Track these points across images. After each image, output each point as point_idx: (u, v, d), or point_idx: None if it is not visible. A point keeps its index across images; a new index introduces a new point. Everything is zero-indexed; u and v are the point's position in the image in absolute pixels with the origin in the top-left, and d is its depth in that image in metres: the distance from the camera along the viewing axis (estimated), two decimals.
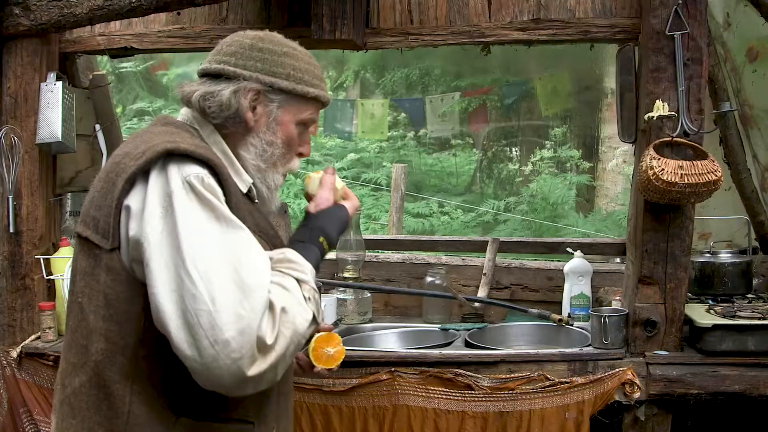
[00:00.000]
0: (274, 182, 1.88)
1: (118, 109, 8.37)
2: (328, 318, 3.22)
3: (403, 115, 8.70)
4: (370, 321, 3.48)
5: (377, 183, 9.17)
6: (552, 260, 3.89)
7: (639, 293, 2.86)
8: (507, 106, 7.50)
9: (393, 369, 2.80)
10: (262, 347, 1.48)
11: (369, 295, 3.48)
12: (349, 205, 1.96)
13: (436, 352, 2.91)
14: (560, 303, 3.35)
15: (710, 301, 3.12)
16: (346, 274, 3.45)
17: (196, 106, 1.79)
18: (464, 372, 2.78)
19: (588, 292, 3.26)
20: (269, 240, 1.81)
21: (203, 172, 1.60)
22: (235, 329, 1.44)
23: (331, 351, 1.94)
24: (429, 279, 3.51)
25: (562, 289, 3.34)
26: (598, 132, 9.07)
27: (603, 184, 9.09)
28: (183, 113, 1.86)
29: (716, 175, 2.64)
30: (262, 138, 1.83)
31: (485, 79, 8.17)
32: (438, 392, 2.79)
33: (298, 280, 1.63)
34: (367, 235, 3.78)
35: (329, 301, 3.25)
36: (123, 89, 9.12)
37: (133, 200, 1.58)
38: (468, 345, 3.04)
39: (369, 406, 2.81)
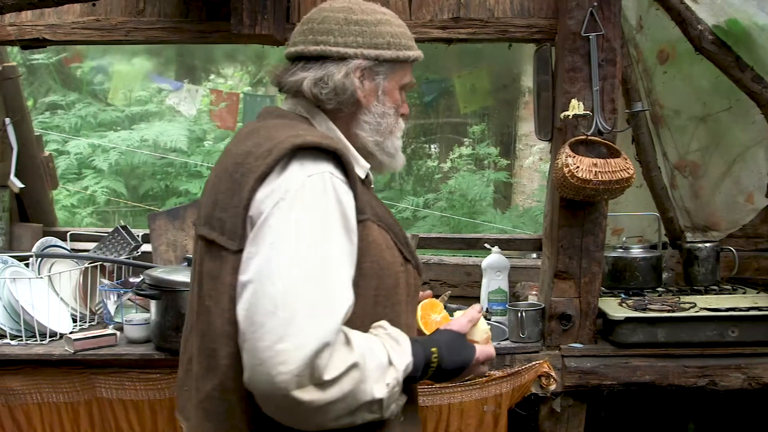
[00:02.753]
0: (394, 147, 1.84)
1: (30, 102, 8.10)
2: None
3: None
4: None
5: None
6: (470, 256, 3.93)
7: (554, 288, 2.92)
8: (426, 103, 7.54)
9: None
10: (317, 379, 1.40)
11: None
12: (481, 349, 1.79)
13: None
14: (478, 298, 3.39)
15: (622, 295, 3.20)
16: None
17: (308, 93, 1.72)
18: None
19: (505, 287, 3.31)
20: (389, 228, 1.73)
21: (328, 169, 1.56)
22: (294, 343, 1.38)
23: (438, 318, 1.88)
24: None
25: (480, 285, 3.38)
26: (516, 130, 9.20)
27: (520, 181, 9.23)
28: (289, 103, 1.80)
29: (629, 173, 2.71)
30: (375, 112, 1.79)
31: None
32: None
33: (390, 360, 1.54)
34: None
35: None
36: (34, 82, 8.84)
37: (260, 200, 1.54)
38: None
39: None
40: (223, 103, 5.37)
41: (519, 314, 2.90)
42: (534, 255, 3.86)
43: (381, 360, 1.51)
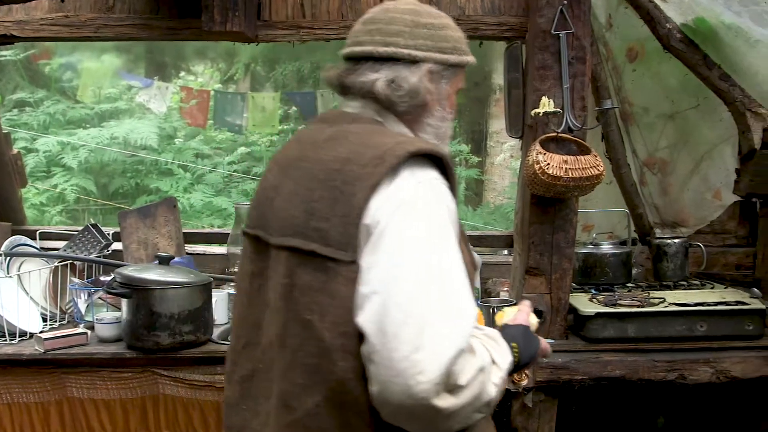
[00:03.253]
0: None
1: None
2: (221, 314, 3.18)
3: (294, 108, 8.65)
4: None
5: None
6: None
7: (526, 284, 2.94)
8: None
9: None
10: (452, 385, 1.40)
11: None
12: (542, 341, 1.83)
13: None
14: None
15: (593, 291, 3.23)
16: (237, 269, 3.40)
17: (381, 95, 1.68)
18: None
19: (477, 283, 3.32)
20: (461, 235, 1.70)
21: (434, 175, 1.55)
22: (431, 351, 1.36)
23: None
24: None
25: None
26: (487, 127, 9.25)
27: (491, 178, 9.28)
28: (356, 105, 1.74)
29: (599, 170, 2.74)
30: (437, 116, 1.76)
31: None
32: None
33: (493, 360, 1.54)
34: None
35: (220, 296, 3.21)
36: (2, 79, 8.75)
37: (375, 209, 1.49)
38: None
39: None
40: (194, 101, 5.34)
41: (491, 310, 2.91)
42: (505, 251, 3.88)
43: (489, 360, 1.52)
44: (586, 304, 2.99)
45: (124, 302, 2.77)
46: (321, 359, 1.52)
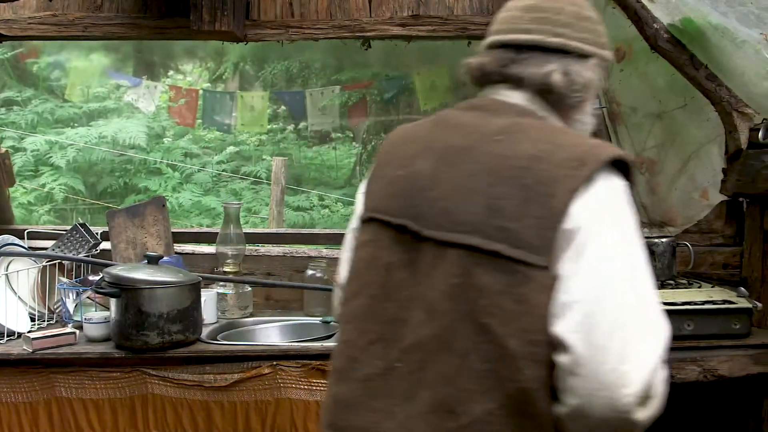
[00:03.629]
0: None
1: None
2: (209, 314, 3.18)
3: (283, 108, 8.65)
4: (251, 315, 3.45)
5: (257, 176, 9.08)
6: None
7: None
8: (386, 100, 7.55)
9: (275, 363, 2.80)
10: (649, 397, 1.38)
11: (250, 289, 3.46)
12: None
13: (318, 344, 2.92)
14: None
15: None
16: (226, 269, 3.41)
17: (557, 87, 1.61)
18: None
19: None
20: None
21: (623, 182, 1.51)
22: (635, 363, 1.34)
23: None
24: (310, 272, 3.51)
25: None
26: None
27: None
28: (514, 96, 1.66)
29: None
30: (587, 112, 1.71)
31: (365, 73, 8.23)
32: (321, 385, 2.79)
33: None
34: (247, 229, 3.75)
35: (209, 296, 3.21)
36: None
37: (576, 214, 1.43)
38: None
39: (251, 400, 2.80)
40: (183, 100, 5.33)
41: None
42: None
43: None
44: None
45: (112, 302, 2.77)
46: (499, 365, 1.43)
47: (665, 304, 2.94)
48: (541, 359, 1.41)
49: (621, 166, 1.54)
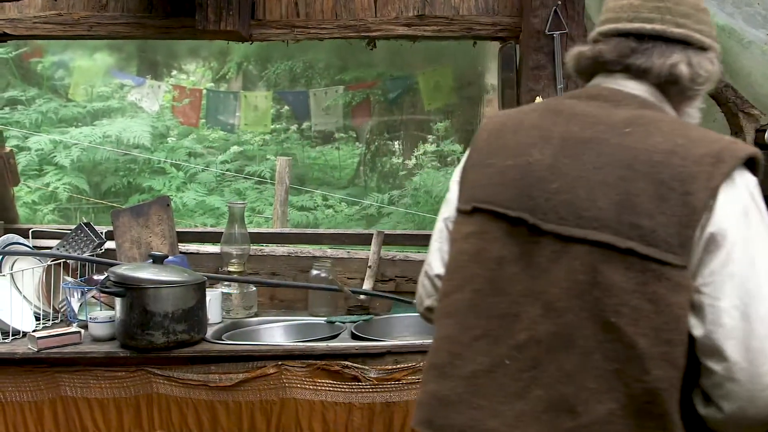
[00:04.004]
0: None
1: None
2: (214, 314, 3.18)
3: (286, 107, 8.65)
4: (256, 315, 3.45)
5: (261, 176, 9.09)
6: None
7: None
8: (390, 100, 7.56)
9: (280, 363, 2.79)
10: None
11: (254, 288, 3.46)
12: None
13: (322, 344, 2.92)
14: None
15: None
16: (230, 268, 3.41)
17: (684, 79, 1.57)
18: (351, 364, 2.80)
19: None
20: None
21: (756, 181, 1.47)
22: None
23: None
24: (314, 272, 3.51)
25: None
26: (480, 127, 9.24)
27: None
28: (634, 87, 1.61)
29: None
30: (696, 106, 1.67)
31: (369, 73, 8.22)
32: (325, 385, 2.80)
33: None
34: (251, 229, 3.75)
35: (214, 295, 3.21)
36: None
37: (717, 213, 1.40)
38: (354, 337, 3.06)
39: (256, 400, 2.80)
40: (186, 99, 5.34)
41: None
42: None
43: None
44: None
45: (117, 301, 2.77)
46: (625, 365, 1.40)
47: None
48: (673, 359, 1.38)
49: (749, 162, 1.49)
